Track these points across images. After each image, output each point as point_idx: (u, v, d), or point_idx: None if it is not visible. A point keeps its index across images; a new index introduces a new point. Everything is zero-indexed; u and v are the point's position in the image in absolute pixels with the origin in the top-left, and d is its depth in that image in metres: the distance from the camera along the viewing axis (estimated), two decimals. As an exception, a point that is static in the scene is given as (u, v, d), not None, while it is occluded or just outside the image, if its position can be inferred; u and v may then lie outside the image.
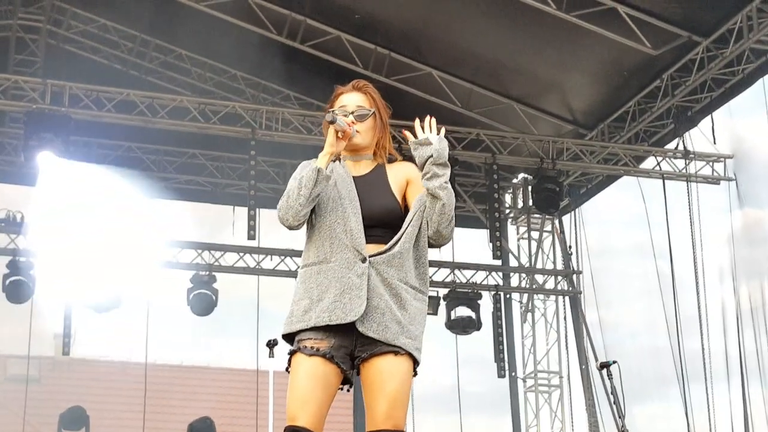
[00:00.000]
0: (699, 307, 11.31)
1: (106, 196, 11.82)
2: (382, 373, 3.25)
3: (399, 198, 3.39)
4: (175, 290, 12.87)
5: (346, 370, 3.29)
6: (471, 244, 13.53)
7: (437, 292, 13.02)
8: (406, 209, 3.39)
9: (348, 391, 3.38)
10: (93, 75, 11.73)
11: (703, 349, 11.11)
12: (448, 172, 3.30)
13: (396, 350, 3.26)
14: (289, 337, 3.34)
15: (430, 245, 3.36)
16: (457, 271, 13.29)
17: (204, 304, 12.49)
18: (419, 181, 3.34)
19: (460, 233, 13.68)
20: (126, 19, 12.31)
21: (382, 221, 3.33)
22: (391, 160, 3.50)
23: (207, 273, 12.55)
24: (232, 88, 12.82)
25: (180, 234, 13.02)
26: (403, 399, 3.27)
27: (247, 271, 12.69)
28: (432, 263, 13.17)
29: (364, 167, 3.45)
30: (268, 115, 11.55)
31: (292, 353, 3.31)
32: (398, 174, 3.43)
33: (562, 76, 11.82)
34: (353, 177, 3.39)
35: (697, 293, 11.38)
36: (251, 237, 11.35)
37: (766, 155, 10.92)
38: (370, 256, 3.27)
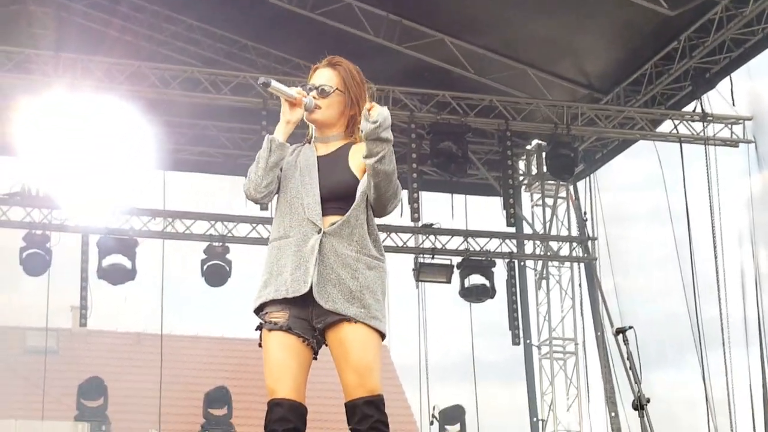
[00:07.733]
0: (717, 273, 11.20)
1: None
2: (342, 343, 3.30)
3: (358, 173, 3.39)
4: (189, 262, 12.89)
5: (309, 340, 3.34)
6: (484, 212, 13.46)
7: (450, 260, 12.96)
8: None
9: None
10: (104, 47, 11.66)
11: (721, 314, 11.02)
12: (384, 147, 3.27)
13: (348, 319, 3.30)
14: (257, 312, 3.42)
15: (375, 215, 3.41)
16: (470, 239, 13.22)
17: (218, 275, 12.48)
18: None
19: (473, 200, 13.63)
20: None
21: (338, 195, 3.36)
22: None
23: (221, 244, 12.54)
24: (242, 58, 12.73)
25: (193, 206, 13.00)
26: (370, 365, 3.29)
27: (260, 241, 12.64)
28: (445, 231, 13.16)
29: (332, 147, 3.48)
30: (279, 84, 11.43)
31: (259, 328, 3.40)
32: (360, 150, 3.41)
33: (577, 39, 11.67)
34: (317, 156, 3.45)
35: (715, 258, 11.27)
36: (264, 207, 11.29)
37: (786, 117, 10.79)
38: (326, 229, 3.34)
